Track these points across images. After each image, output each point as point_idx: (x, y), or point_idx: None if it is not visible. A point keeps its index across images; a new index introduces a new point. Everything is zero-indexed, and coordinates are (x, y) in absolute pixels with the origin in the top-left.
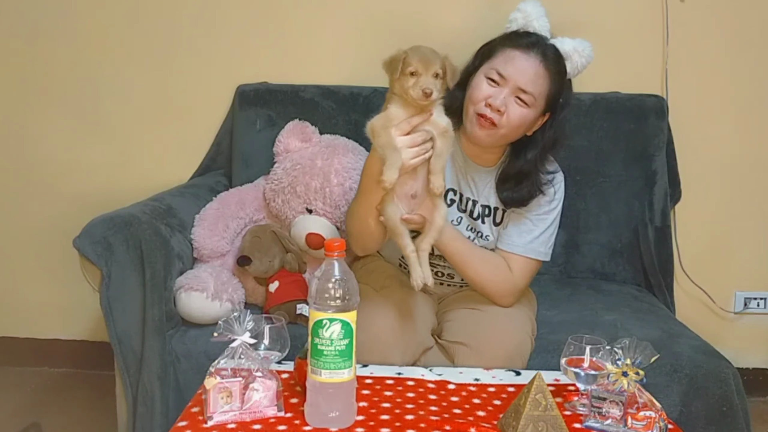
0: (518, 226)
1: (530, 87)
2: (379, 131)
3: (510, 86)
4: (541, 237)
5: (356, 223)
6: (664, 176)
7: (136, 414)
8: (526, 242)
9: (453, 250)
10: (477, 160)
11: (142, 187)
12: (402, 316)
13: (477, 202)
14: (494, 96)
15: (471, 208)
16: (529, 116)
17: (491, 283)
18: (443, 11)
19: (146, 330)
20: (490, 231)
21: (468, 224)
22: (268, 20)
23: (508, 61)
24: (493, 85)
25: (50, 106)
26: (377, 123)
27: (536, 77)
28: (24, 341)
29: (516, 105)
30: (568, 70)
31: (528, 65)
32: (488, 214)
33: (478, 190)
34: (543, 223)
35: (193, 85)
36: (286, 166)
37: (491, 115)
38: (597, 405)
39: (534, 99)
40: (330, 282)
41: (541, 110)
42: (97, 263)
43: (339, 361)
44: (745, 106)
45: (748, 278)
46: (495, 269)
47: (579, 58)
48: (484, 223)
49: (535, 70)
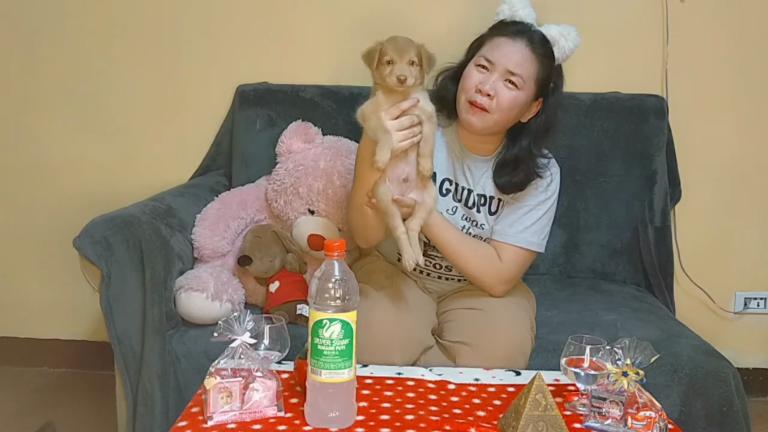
0: (510, 215)
1: (518, 69)
2: (369, 115)
3: (499, 70)
4: (533, 227)
5: (356, 214)
6: (664, 176)
7: (136, 414)
8: (517, 232)
9: (443, 239)
10: (474, 149)
11: (142, 187)
12: (402, 316)
13: (472, 191)
14: (484, 81)
15: (466, 197)
16: (519, 99)
17: (480, 272)
18: (443, 11)
19: (146, 330)
20: (485, 220)
21: (463, 213)
22: (268, 20)
23: (495, 48)
24: (482, 72)
25: (50, 106)
26: (367, 108)
27: (524, 59)
28: (24, 341)
29: (506, 88)
30: (557, 54)
31: (515, 49)
32: (483, 203)
33: (474, 179)
34: (536, 213)
35: (193, 85)
36: (288, 167)
37: (482, 101)
38: (597, 405)
39: (523, 81)
40: (330, 282)
41: (532, 94)
42: (97, 263)
43: (339, 361)
44: (745, 106)
45: (748, 278)
46: (484, 259)
47: (566, 42)
48: (480, 212)
49: (522, 54)
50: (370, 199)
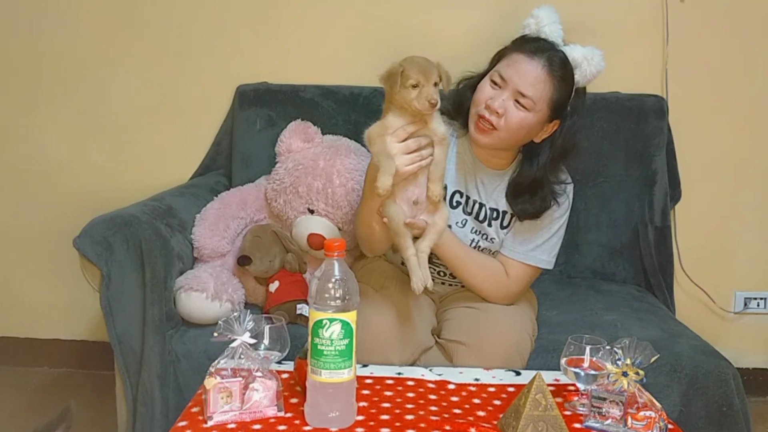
0: (522, 233)
1: (529, 91)
2: (375, 139)
3: (510, 89)
4: (544, 245)
5: (363, 227)
6: (664, 176)
7: (136, 414)
8: (528, 250)
9: (451, 255)
10: (487, 163)
11: (142, 187)
12: (402, 316)
13: (484, 205)
14: (494, 98)
15: (477, 211)
16: (528, 120)
17: (486, 288)
18: (443, 11)
19: (146, 330)
20: (496, 234)
21: (473, 227)
22: (268, 20)
23: (511, 65)
24: (494, 88)
25: (50, 106)
26: (374, 131)
27: (536, 81)
28: (24, 341)
29: (515, 108)
30: (577, 77)
31: (529, 69)
32: (496, 218)
33: (486, 193)
34: (547, 232)
35: (193, 85)
36: (288, 167)
37: (489, 118)
38: (597, 405)
39: (533, 103)
40: (330, 282)
41: (544, 116)
42: (97, 263)
43: (339, 361)
44: (745, 106)
45: (748, 278)
46: (491, 275)
47: (588, 66)
48: (491, 226)
49: (536, 75)
50: (382, 218)
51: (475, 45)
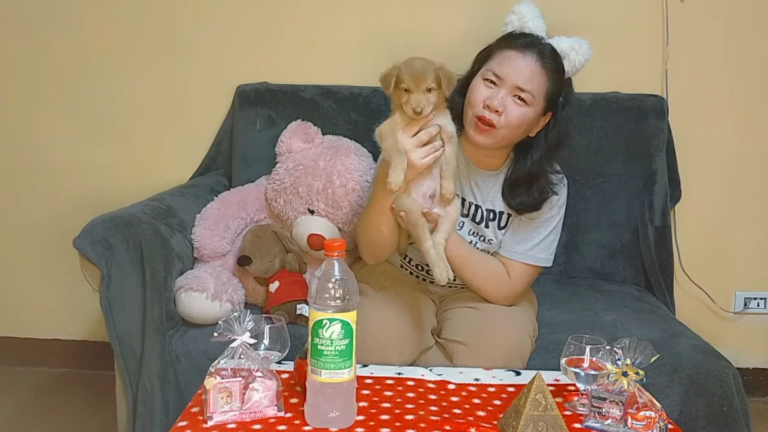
0: (519, 232)
1: (528, 85)
2: (386, 135)
3: (507, 86)
4: (542, 244)
5: (369, 231)
6: (664, 176)
7: (136, 414)
8: (526, 249)
9: (455, 253)
10: (480, 164)
11: (142, 187)
12: (402, 316)
13: (480, 207)
14: (492, 97)
15: (474, 212)
16: (528, 115)
17: (488, 288)
18: (442, 11)
19: (146, 330)
20: (494, 235)
21: (470, 228)
22: (268, 20)
23: (505, 62)
24: (490, 87)
25: (50, 106)
26: (384, 128)
27: (533, 75)
28: (24, 341)
29: (515, 104)
30: (566, 68)
31: (525, 64)
32: (493, 218)
33: (482, 194)
34: (544, 230)
35: (193, 85)
36: (288, 167)
37: (490, 117)
38: (597, 405)
39: (533, 97)
40: (330, 282)
41: (541, 109)
42: (97, 263)
43: (339, 361)
44: (745, 106)
45: (748, 278)
46: (493, 275)
47: (576, 56)
48: (488, 227)
49: (531, 69)
50: (398, 213)
51: (475, 45)
